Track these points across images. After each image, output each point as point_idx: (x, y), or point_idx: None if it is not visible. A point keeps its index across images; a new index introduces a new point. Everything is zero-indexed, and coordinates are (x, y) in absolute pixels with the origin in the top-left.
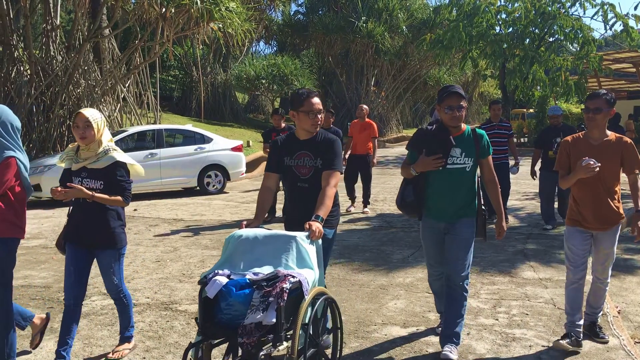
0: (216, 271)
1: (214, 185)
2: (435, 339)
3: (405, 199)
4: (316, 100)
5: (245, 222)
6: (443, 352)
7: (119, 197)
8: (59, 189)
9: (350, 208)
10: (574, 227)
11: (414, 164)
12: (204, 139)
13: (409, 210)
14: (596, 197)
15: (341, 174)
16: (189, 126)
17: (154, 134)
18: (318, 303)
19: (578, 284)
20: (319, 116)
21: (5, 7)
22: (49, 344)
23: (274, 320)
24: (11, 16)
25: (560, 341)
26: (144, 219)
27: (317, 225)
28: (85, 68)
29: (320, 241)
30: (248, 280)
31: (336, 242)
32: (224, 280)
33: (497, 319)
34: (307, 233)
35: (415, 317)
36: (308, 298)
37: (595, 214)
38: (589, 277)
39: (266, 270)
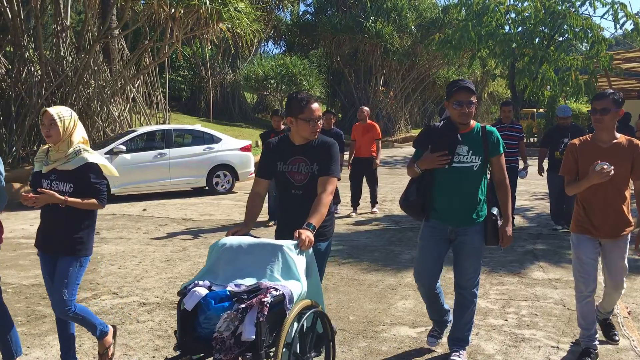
0: (196, 282)
1: (222, 185)
2: (443, 340)
3: (409, 198)
4: (316, 106)
5: (233, 230)
6: (451, 358)
7: (93, 200)
8: (30, 195)
9: (352, 214)
10: (582, 235)
11: (418, 161)
12: (213, 139)
13: (412, 210)
14: (605, 202)
15: (339, 180)
16: (198, 126)
17: (163, 134)
18: (305, 317)
19: (591, 298)
20: (319, 123)
21: (16, 8)
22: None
23: (254, 336)
24: (22, 17)
25: None
26: (153, 218)
27: (307, 234)
28: (95, 68)
29: (311, 250)
30: (229, 293)
31: (345, 242)
32: (203, 291)
33: (506, 320)
34: (295, 242)
35: (424, 317)
36: (292, 312)
37: (604, 221)
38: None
39: (248, 281)
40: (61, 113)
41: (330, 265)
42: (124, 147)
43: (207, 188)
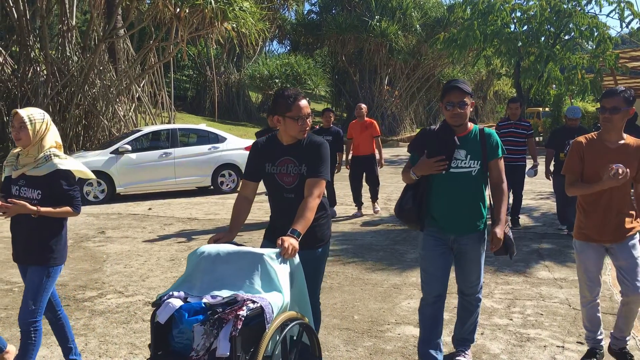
0: (171, 293)
1: (227, 185)
2: (448, 339)
3: (404, 206)
4: (304, 103)
5: (215, 236)
6: (457, 359)
7: (67, 208)
8: (0, 203)
9: (357, 214)
10: (586, 243)
11: (414, 167)
12: (218, 139)
13: (407, 219)
14: (609, 205)
15: (328, 182)
16: (203, 126)
17: (168, 133)
18: (286, 330)
19: (596, 302)
20: (308, 121)
21: (22, 8)
22: None
23: (228, 352)
24: (28, 17)
25: None
26: (158, 217)
27: (290, 242)
28: (101, 68)
29: (297, 258)
30: (204, 305)
31: (349, 241)
32: (177, 303)
33: (511, 319)
34: (277, 250)
35: None
36: (272, 326)
37: (606, 225)
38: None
39: (225, 293)
40: (32, 115)
41: (335, 264)
42: (129, 147)
43: (212, 187)
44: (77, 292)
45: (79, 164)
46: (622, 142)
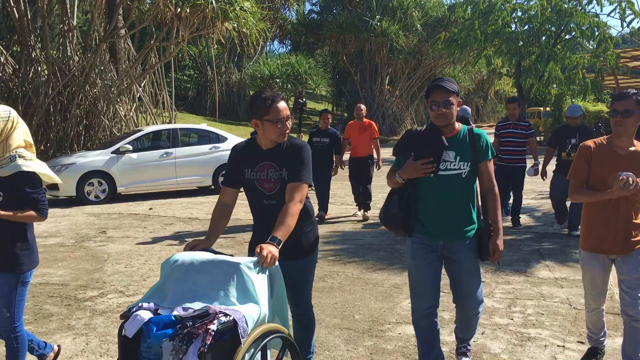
0: (141, 304)
1: None
2: (449, 338)
3: (390, 212)
4: (283, 105)
5: (191, 243)
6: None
7: (31, 212)
8: None
9: (358, 213)
10: (591, 254)
11: (400, 170)
12: (219, 138)
13: (393, 225)
14: (615, 215)
15: (310, 186)
16: (204, 125)
17: (169, 133)
18: (263, 344)
19: (600, 309)
20: (287, 123)
21: (23, 8)
22: (67, 340)
23: None
24: (29, 17)
25: None
26: (159, 217)
27: (269, 250)
28: (102, 68)
29: (277, 265)
30: (174, 318)
31: (350, 241)
32: (146, 316)
33: (512, 319)
34: (255, 259)
35: None
36: (247, 341)
37: (614, 236)
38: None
39: (198, 305)
40: None
41: (336, 264)
42: (130, 147)
43: (213, 187)
44: (78, 292)
45: (45, 167)
46: (633, 149)
